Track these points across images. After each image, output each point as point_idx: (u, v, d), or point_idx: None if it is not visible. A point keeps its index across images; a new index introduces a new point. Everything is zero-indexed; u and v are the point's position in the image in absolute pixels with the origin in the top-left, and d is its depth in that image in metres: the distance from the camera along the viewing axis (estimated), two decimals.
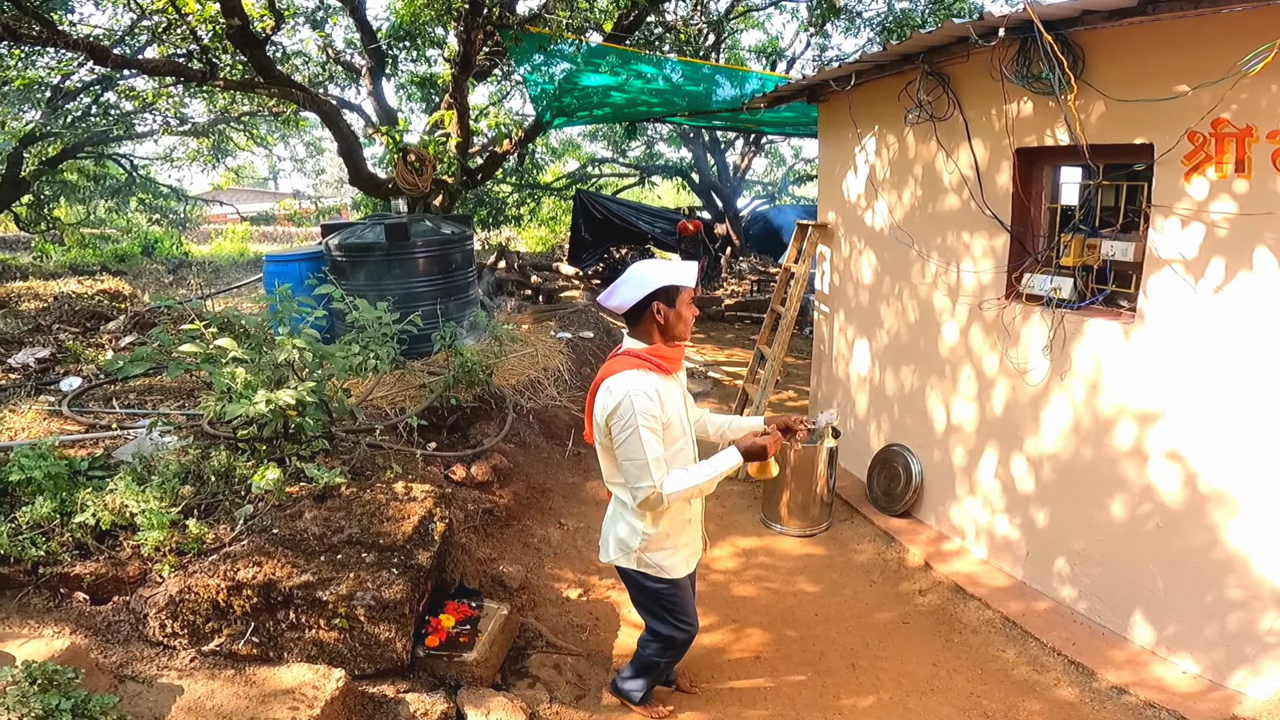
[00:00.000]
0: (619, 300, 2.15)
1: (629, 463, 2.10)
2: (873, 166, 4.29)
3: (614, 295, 2.16)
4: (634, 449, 2.07)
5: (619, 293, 2.15)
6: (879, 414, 4.45)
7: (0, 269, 9.57)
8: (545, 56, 6.22)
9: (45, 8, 6.09)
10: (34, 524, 2.68)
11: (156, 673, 2.41)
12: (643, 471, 2.08)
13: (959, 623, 3.27)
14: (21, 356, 5.03)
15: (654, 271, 2.14)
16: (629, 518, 2.30)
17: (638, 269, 2.15)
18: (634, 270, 2.16)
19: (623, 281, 2.15)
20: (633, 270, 2.16)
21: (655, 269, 2.15)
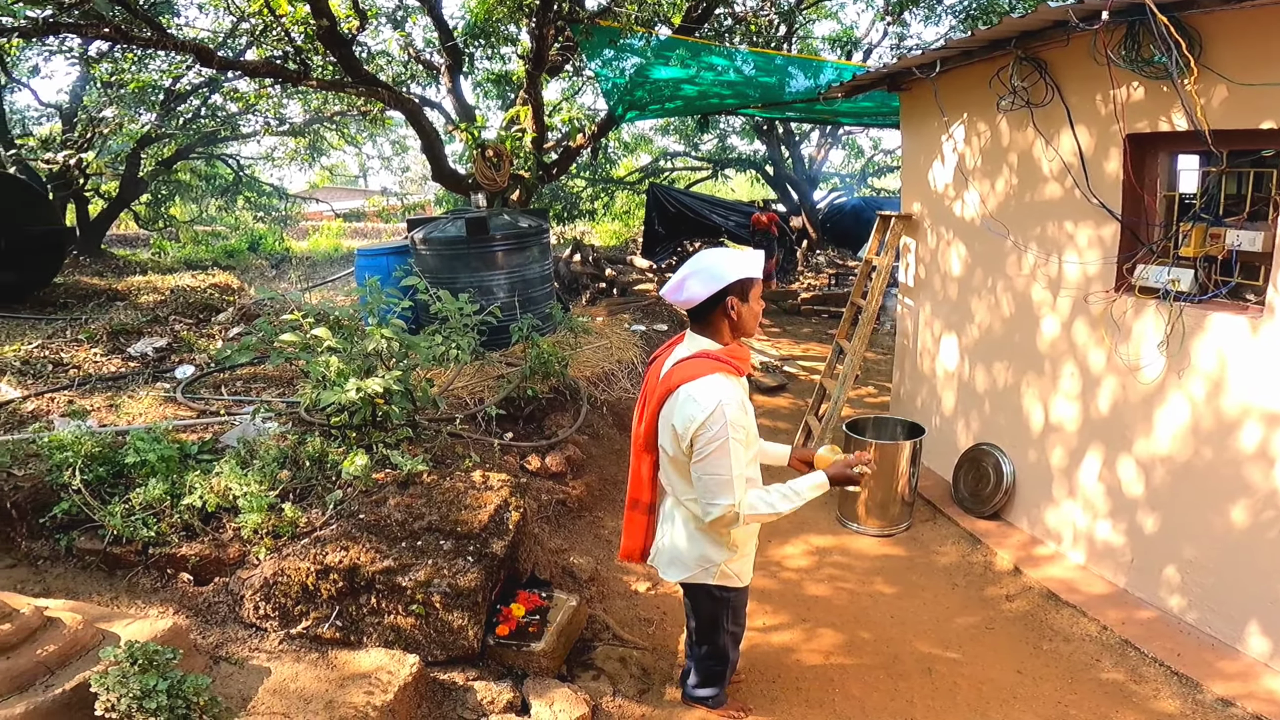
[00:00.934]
0: (688, 295, 1.98)
1: (710, 477, 1.93)
2: (962, 155, 4.09)
3: (682, 289, 1.98)
4: (719, 464, 1.91)
5: (688, 286, 1.97)
6: (967, 411, 4.25)
7: (122, 264, 10.48)
8: (615, 51, 6.24)
9: (154, 11, 6.56)
10: (146, 505, 2.84)
11: (248, 654, 2.49)
12: (724, 489, 1.92)
13: (1050, 630, 3.10)
14: (140, 346, 5.48)
15: (726, 264, 1.97)
16: (712, 534, 2.14)
17: (706, 260, 1.98)
18: (702, 262, 1.98)
19: (691, 274, 1.97)
20: (701, 262, 1.99)
21: (726, 260, 1.98)
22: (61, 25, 5.03)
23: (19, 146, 9.57)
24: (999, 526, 3.87)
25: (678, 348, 2.13)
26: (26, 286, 7.29)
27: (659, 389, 2.04)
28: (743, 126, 14.85)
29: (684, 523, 2.19)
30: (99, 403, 4.20)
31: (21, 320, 6.35)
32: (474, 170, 6.41)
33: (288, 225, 16.26)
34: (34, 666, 2.03)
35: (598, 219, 15.68)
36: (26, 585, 2.73)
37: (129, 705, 1.88)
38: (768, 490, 2.06)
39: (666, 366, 2.08)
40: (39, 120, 12.12)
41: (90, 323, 6.01)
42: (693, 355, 2.02)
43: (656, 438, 2.10)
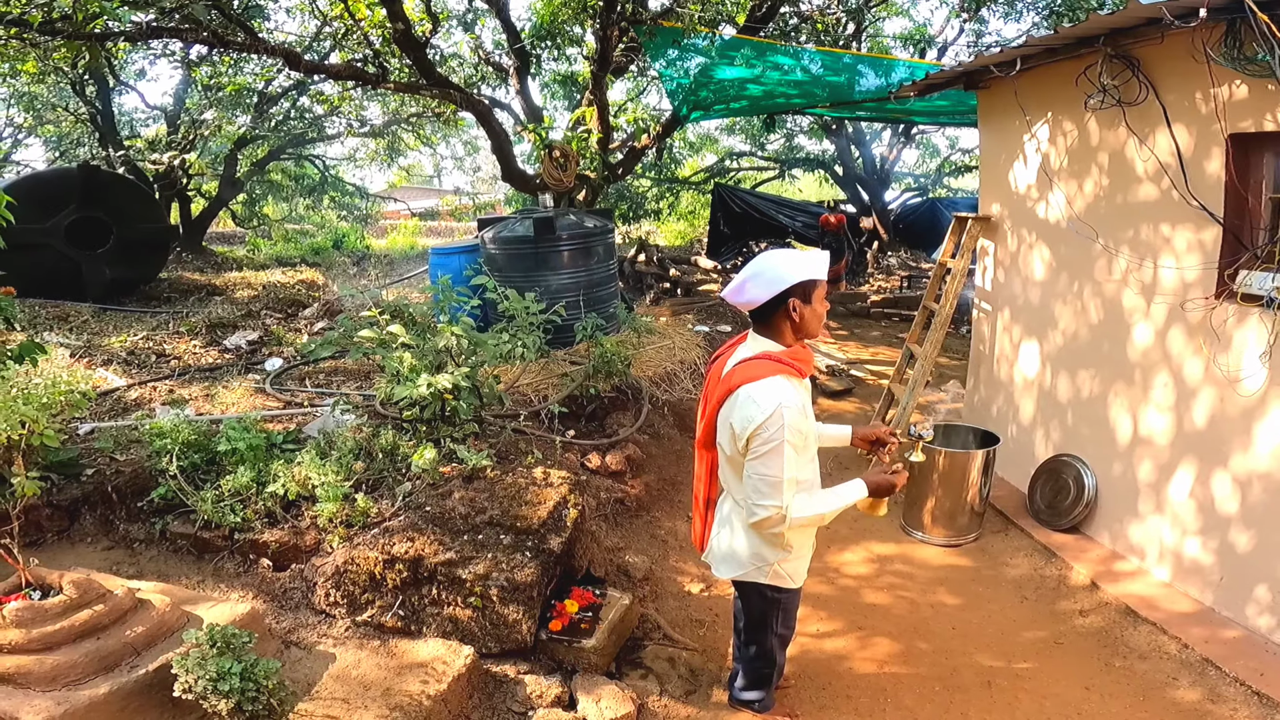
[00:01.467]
0: (749, 297, 1.98)
1: (760, 478, 1.93)
2: (1045, 155, 3.91)
3: (743, 292, 1.99)
4: (772, 465, 1.91)
5: (748, 289, 1.98)
6: (1047, 421, 4.06)
7: (220, 261, 11.20)
8: (679, 51, 6.23)
9: (246, 15, 6.98)
10: (234, 492, 3.01)
11: (316, 640, 2.60)
12: (773, 490, 1.93)
13: (1124, 647, 2.96)
14: (235, 339, 5.86)
15: (788, 265, 1.96)
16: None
17: (767, 262, 1.98)
18: (764, 263, 1.98)
19: (752, 276, 1.97)
20: (762, 263, 1.98)
21: (789, 261, 1.97)
22: (163, 30, 5.42)
23: (128, 148, 10.36)
24: (1077, 540, 3.71)
25: (740, 347, 2.13)
26: (135, 281, 7.88)
27: (719, 388, 2.05)
28: (810, 126, 14.56)
29: (736, 522, 2.21)
30: (196, 392, 4.52)
31: (129, 313, 6.88)
32: (541, 170, 6.54)
33: (368, 224, 17.01)
34: (122, 647, 2.17)
35: (663, 219, 15.71)
36: (121, 567, 2.92)
37: (204, 687, 1.98)
38: (810, 495, 2.06)
39: (728, 366, 2.08)
40: (145, 122, 13.11)
41: (190, 316, 6.47)
42: (755, 356, 2.02)
43: (715, 436, 2.12)
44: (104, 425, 3.81)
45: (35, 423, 1.95)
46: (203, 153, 11.72)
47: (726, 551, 2.24)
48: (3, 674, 2.04)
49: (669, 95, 7.42)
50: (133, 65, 11.22)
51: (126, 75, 11.34)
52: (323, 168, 15.62)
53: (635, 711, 2.51)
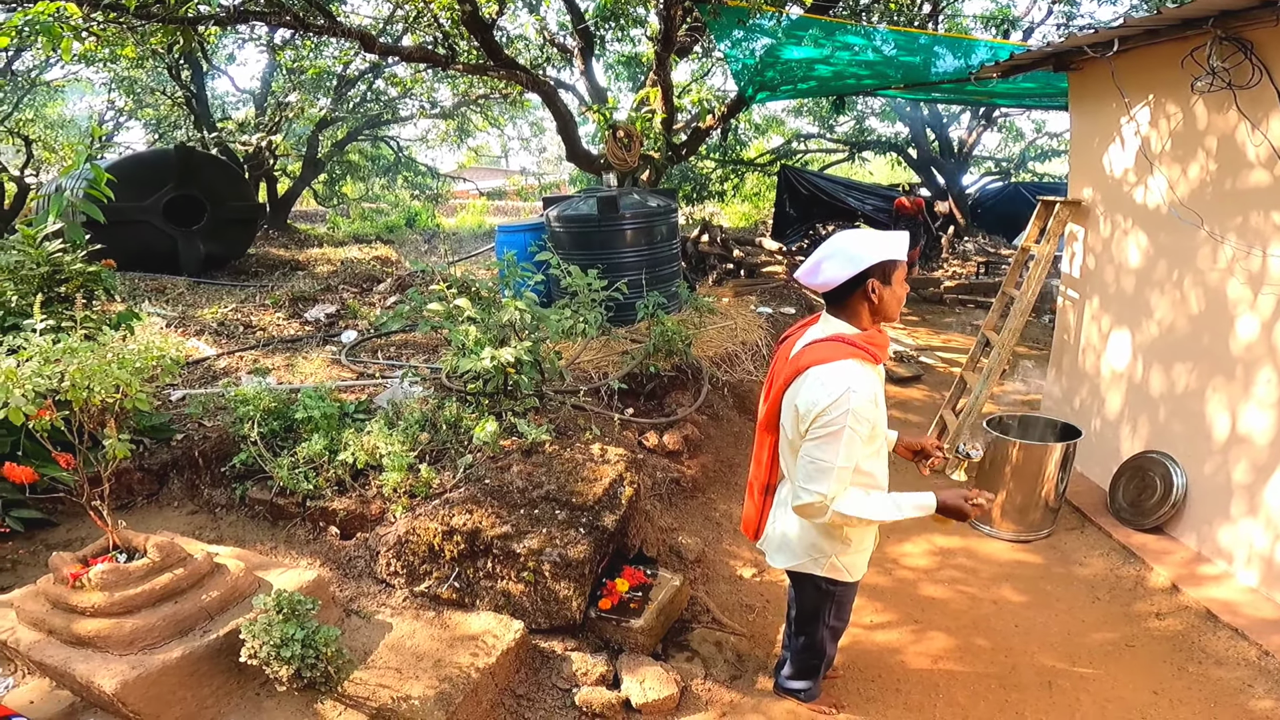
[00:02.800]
0: (826, 277, 1.90)
1: (812, 461, 1.86)
2: (1145, 139, 3.65)
3: (819, 272, 1.90)
4: (828, 451, 1.83)
5: (824, 269, 1.89)
6: (1135, 416, 3.82)
7: (303, 238, 11.74)
8: (745, 31, 6.06)
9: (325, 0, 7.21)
10: (308, 459, 3.13)
11: (375, 609, 2.68)
12: (823, 477, 1.84)
13: (1201, 652, 2.80)
14: (315, 312, 6.14)
15: (868, 244, 1.88)
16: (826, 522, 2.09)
17: (845, 241, 1.90)
18: (841, 243, 1.90)
19: (828, 255, 1.89)
20: (839, 243, 1.90)
21: (868, 241, 1.89)
22: (249, 13, 5.67)
23: (220, 130, 10.94)
24: (1159, 540, 3.50)
25: (811, 328, 2.06)
26: (226, 257, 8.36)
27: (787, 369, 1.98)
28: (882, 108, 14.01)
29: (783, 501, 2.18)
30: (279, 362, 4.77)
31: (220, 286, 7.31)
32: (605, 150, 6.55)
33: (439, 203, 17.48)
34: (197, 611, 2.26)
35: (727, 201, 15.46)
36: (204, 531, 3.10)
37: (268, 653, 2.06)
38: (870, 493, 1.96)
39: (797, 347, 2.01)
40: (236, 105, 13.80)
41: (275, 290, 6.82)
42: (828, 338, 1.94)
43: (778, 418, 2.05)
44: (195, 392, 4.07)
45: (128, 386, 2.07)
46: (287, 134, 12.27)
47: (781, 540, 2.19)
48: (84, 637, 2.13)
49: (734, 76, 7.25)
50: (224, 50, 11.80)
51: (218, 60, 11.95)
52: (397, 148, 16.10)
53: (678, 694, 2.51)
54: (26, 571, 2.81)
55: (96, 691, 2.04)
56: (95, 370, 1.99)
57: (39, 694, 2.19)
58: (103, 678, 2.02)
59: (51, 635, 2.21)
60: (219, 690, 2.20)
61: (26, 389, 1.91)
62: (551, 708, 2.45)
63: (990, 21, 9.91)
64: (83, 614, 2.16)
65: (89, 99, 13.76)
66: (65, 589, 2.19)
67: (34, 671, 2.27)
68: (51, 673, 2.20)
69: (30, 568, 2.84)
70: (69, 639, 2.16)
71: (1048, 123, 14.93)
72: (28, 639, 2.22)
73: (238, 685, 2.23)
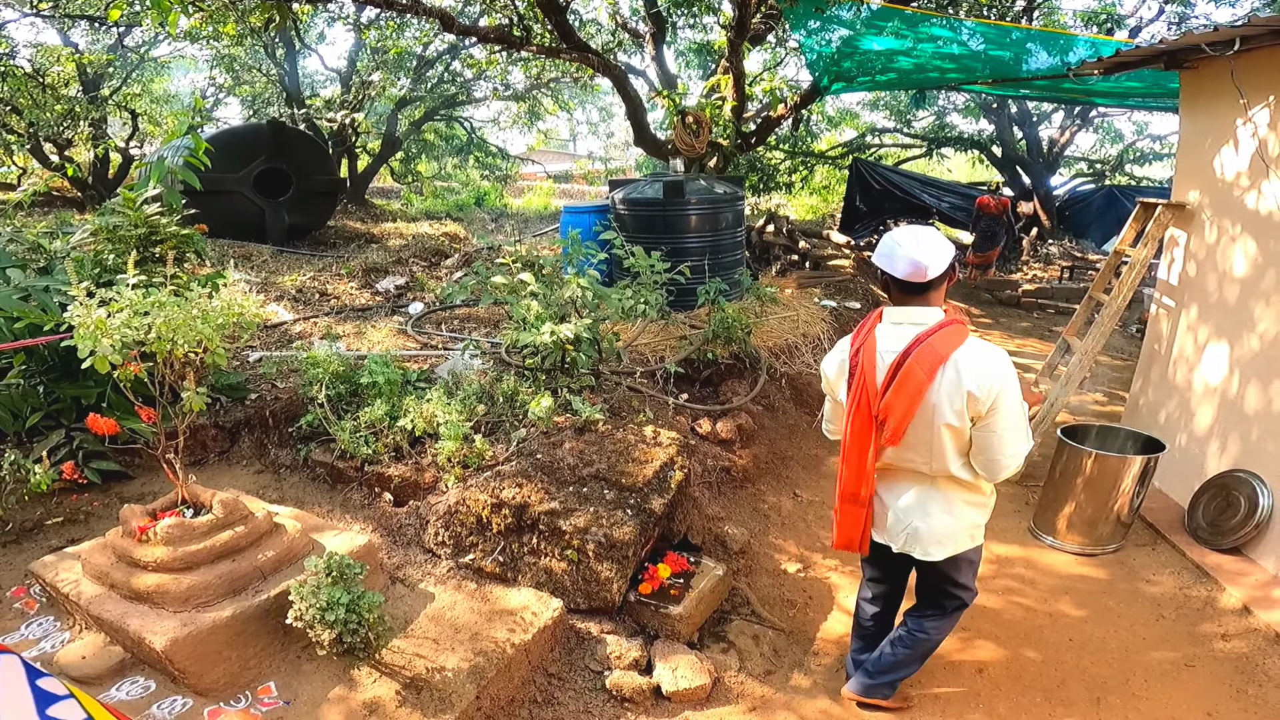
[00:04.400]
0: (938, 269, 1.97)
1: (1011, 430, 1.98)
2: (1263, 141, 3.39)
3: (927, 265, 1.96)
4: (1017, 411, 1.98)
5: (932, 260, 1.96)
6: (1226, 432, 3.56)
7: (379, 213, 12.16)
8: (822, 20, 5.85)
9: None
10: (369, 424, 3.21)
11: (420, 578, 2.69)
12: (1023, 435, 2.01)
13: (1263, 675, 2.63)
14: (385, 283, 6.36)
15: (937, 235, 2.03)
16: (978, 498, 2.17)
17: (923, 234, 2.01)
18: (923, 235, 2.01)
19: (927, 248, 1.97)
20: (921, 235, 2.01)
21: (934, 232, 2.04)
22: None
23: (308, 107, 11.41)
24: (1236, 562, 3.30)
25: (890, 327, 2.06)
26: (308, 228, 8.75)
27: (920, 369, 1.96)
28: (966, 104, 13.36)
29: (946, 499, 2.14)
30: (349, 329, 4.96)
31: (300, 255, 7.65)
32: (673, 136, 6.49)
33: (507, 183, 17.78)
34: (252, 570, 2.27)
35: (794, 192, 15.09)
36: (267, 491, 3.18)
37: (313, 615, 2.08)
38: None
39: (893, 344, 2.02)
40: (324, 84, 14.36)
41: (350, 260, 7.09)
42: (940, 325, 1.99)
43: (904, 427, 2.02)
44: (271, 354, 4.28)
45: (210, 341, 2.16)
46: (369, 113, 12.69)
47: (938, 534, 2.16)
48: (142, 592, 2.15)
49: (808, 66, 7.04)
50: (315, 29, 12.28)
51: (309, 38, 12.44)
52: (470, 129, 16.43)
53: (710, 684, 2.49)
54: (98, 524, 2.89)
55: (147, 648, 2.06)
56: (180, 324, 2.09)
57: (92, 649, 2.20)
58: (153, 634, 2.04)
59: (113, 589, 2.23)
60: (262, 652, 2.21)
61: (114, 339, 2.01)
62: (581, 689, 2.46)
63: (1092, 20, 9.33)
64: (144, 568, 2.17)
65: (192, 75, 14.58)
66: (131, 542, 2.21)
67: (91, 626, 2.29)
68: (107, 627, 2.20)
69: (103, 520, 2.93)
70: (128, 594, 2.18)
71: (1150, 124, 13.99)
72: (90, 593, 2.24)
73: (281, 648, 2.25)
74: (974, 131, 14.29)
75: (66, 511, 2.94)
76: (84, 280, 2.14)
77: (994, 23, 6.14)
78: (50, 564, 2.43)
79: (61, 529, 2.88)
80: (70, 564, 2.39)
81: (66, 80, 9.75)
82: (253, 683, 2.17)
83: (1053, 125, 13.35)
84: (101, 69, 10.27)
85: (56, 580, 2.34)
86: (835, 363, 2.21)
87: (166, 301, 2.10)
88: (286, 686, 2.18)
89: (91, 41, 11.12)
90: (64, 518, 2.92)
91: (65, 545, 2.63)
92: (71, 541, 2.68)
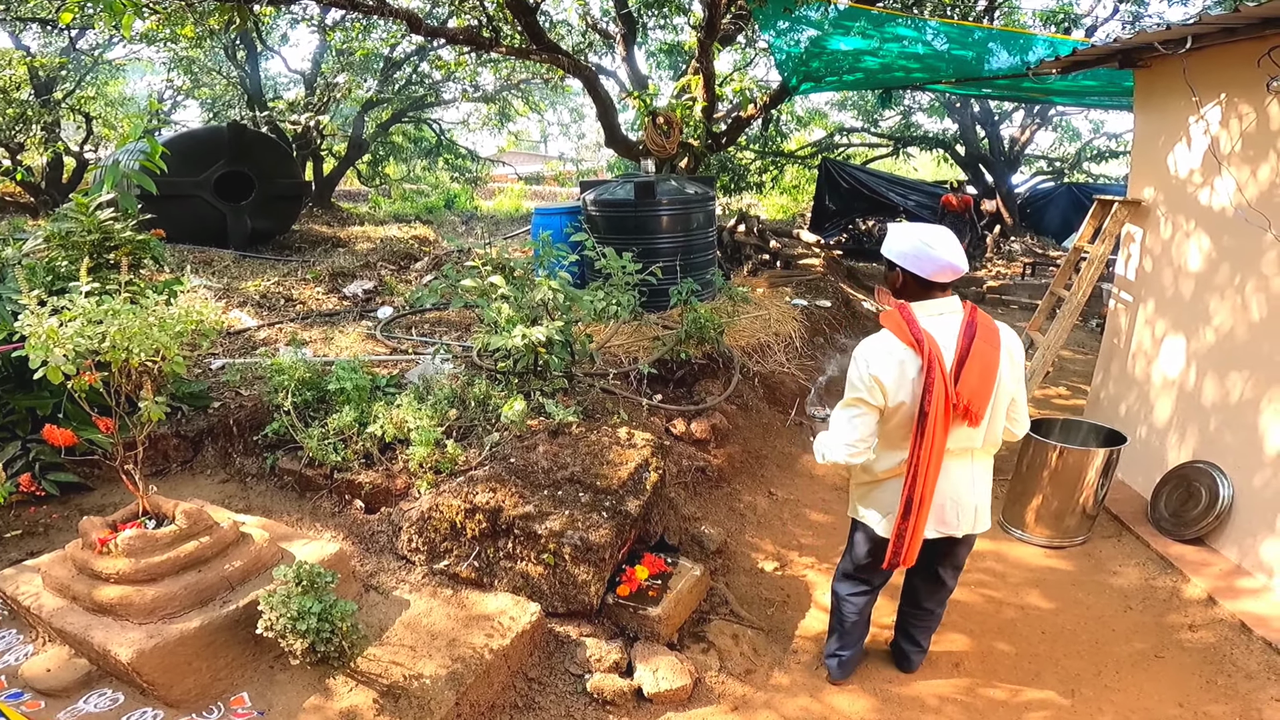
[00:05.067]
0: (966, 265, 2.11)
1: (1025, 392, 2.24)
2: (1215, 139, 3.50)
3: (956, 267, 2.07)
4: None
5: (963, 260, 2.08)
6: (1184, 424, 3.67)
7: (345, 216, 11.95)
8: (790, 21, 5.92)
9: None
10: (338, 431, 3.15)
11: (394, 585, 2.66)
12: None
13: (1231, 665, 2.70)
14: (353, 288, 6.25)
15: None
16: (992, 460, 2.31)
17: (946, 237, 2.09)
18: (947, 238, 2.09)
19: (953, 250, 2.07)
20: (945, 238, 2.09)
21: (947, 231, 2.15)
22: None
23: (271, 109, 11.18)
24: (1199, 552, 3.39)
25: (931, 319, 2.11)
26: (271, 232, 8.54)
27: (989, 347, 2.08)
28: (931, 103, 13.63)
29: (986, 468, 2.28)
30: (316, 335, 4.86)
31: (264, 260, 7.47)
32: (645, 137, 6.50)
33: (478, 186, 17.64)
34: (219, 581, 2.23)
35: (765, 192, 15.24)
36: (233, 500, 3.12)
37: (284, 625, 2.04)
38: None
39: (946, 334, 2.09)
40: (287, 86, 14.08)
41: (316, 265, 6.95)
42: (971, 310, 2.14)
43: (984, 408, 2.10)
44: (234, 362, 4.18)
45: (167, 349, 2.10)
46: (334, 115, 12.48)
47: (984, 503, 2.29)
48: (106, 604, 2.11)
49: (778, 66, 7.11)
50: (277, 31, 12.03)
51: (271, 40, 12.19)
52: (439, 131, 16.26)
53: (691, 685, 2.49)
54: (58, 536, 2.82)
55: (113, 660, 2.03)
56: (135, 332, 2.03)
57: (56, 662, 2.16)
58: (119, 646, 2.00)
59: (75, 602, 2.19)
60: (233, 662, 2.18)
61: (68, 348, 1.95)
62: (562, 693, 2.44)
63: (1050, 19, 9.58)
64: (106, 580, 2.13)
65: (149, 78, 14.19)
66: (92, 554, 2.17)
67: (55, 639, 2.25)
68: (71, 640, 2.17)
69: (62, 533, 2.85)
70: (91, 606, 2.14)
71: (1106, 123, 14.44)
72: (51, 605, 2.20)
73: (252, 658, 2.22)
74: (939, 131, 14.59)
75: (25, 524, 2.87)
76: (36, 288, 2.07)
77: (957, 22, 6.27)
78: (9, 576, 2.38)
79: (20, 541, 2.80)
80: (30, 577, 2.34)
81: (18, 84, 9.42)
82: (225, 693, 2.14)
83: (1014, 124, 13.67)
84: (54, 72, 9.95)
85: (17, 594, 2.29)
86: (893, 365, 2.06)
87: (121, 309, 2.04)
88: (260, 696, 2.15)
89: (44, 44, 10.77)
90: (22, 530, 2.85)
91: (24, 558, 2.57)
92: (31, 554, 2.62)
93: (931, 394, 2.01)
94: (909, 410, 2.08)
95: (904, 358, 2.07)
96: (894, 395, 2.07)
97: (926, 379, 2.02)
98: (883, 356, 2.08)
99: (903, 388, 2.07)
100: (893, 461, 2.20)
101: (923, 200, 12.17)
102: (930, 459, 2.07)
